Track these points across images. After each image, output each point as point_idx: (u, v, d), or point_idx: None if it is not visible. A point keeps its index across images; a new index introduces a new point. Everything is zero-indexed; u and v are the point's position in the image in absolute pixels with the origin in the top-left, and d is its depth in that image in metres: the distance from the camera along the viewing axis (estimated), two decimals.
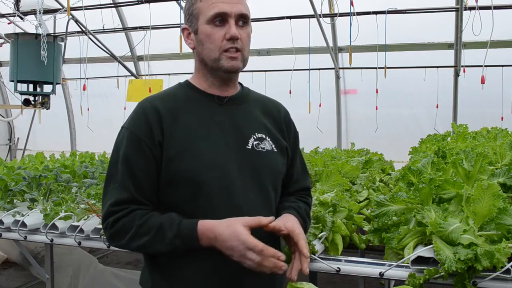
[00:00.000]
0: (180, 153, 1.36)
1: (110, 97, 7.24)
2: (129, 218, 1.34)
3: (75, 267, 3.93)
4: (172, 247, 1.31)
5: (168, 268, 1.41)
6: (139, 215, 1.34)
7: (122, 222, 1.34)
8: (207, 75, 1.46)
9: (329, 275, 1.95)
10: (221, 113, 1.45)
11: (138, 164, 1.36)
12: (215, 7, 1.37)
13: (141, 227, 1.32)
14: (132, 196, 1.36)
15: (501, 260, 1.53)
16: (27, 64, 4.05)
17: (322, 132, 6.07)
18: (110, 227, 1.37)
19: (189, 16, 1.44)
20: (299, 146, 1.66)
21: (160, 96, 1.47)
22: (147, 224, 1.32)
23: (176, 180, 1.37)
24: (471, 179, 2.03)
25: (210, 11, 1.37)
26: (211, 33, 1.38)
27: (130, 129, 1.39)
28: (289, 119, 1.61)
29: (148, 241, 1.32)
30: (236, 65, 1.40)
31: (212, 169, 1.37)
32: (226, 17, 1.37)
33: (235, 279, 1.39)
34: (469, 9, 4.82)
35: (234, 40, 1.37)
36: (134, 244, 1.35)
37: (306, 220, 1.53)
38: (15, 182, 3.13)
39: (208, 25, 1.39)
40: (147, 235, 1.32)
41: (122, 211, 1.35)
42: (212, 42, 1.38)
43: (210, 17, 1.37)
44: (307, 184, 1.65)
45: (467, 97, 5.68)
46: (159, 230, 1.31)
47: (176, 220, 1.32)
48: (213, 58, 1.40)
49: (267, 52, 6.47)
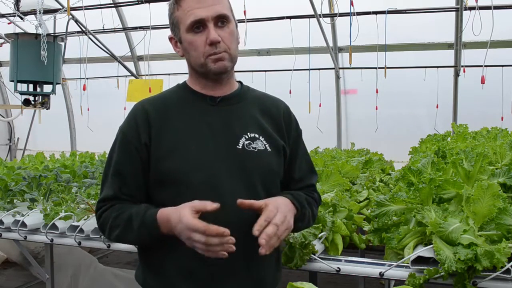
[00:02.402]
0: (168, 153, 1.39)
1: (110, 97, 7.23)
2: (108, 212, 1.42)
3: (75, 267, 3.93)
4: (140, 237, 1.37)
5: (154, 265, 1.45)
6: (117, 208, 1.41)
7: (104, 215, 1.43)
8: (199, 78, 1.48)
9: (329, 275, 1.95)
10: (213, 114, 1.46)
11: (126, 165, 1.43)
12: (191, 14, 1.38)
13: (116, 218, 1.40)
14: (117, 194, 1.43)
15: (501, 260, 1.53)
16: (27, 64, 4.04)
17: (322, 132, 6.06)
18: (97, 221, 1.47)
19: (172, 25, 1.46)
20: (303, 144, 1.64)
21: (153, 99, 1.51)
22: (120, 215, 1.39)
23: (164, 180, 1.40)
24: (471, 179, 2.03)
25: (187, 20, 1.38)
26: (192, 40, 1.40)
27: (122, 130, 1.47)
28: (290, 117, 1.58)
29: (121, 231, 1.39)
30: (223, 66, 1.41)
31: (199, 170, 1.38)
32: (205, 22, 1.38)
33: (216, 279, 1.39)
34: (469, 9, 4.81)
35: (215, 44, 1.38)
36: (113, 235, 1.42)
37: (304, 205, 1.49)
38: (15, 182, 3.13)
39: (188, 33, 1.40)
40: (120, 226, 1.39)
41: (106, 206, 1.43)
42: (195, 50, 1.40)
43: (188, 25, 1.39)
44: (312, 182, 1.63)
45: (467, 97, 5.68)
46: (128, 221, 1.37)
47: (142, 210, 1.37)
48: (200, 64, 1.42)
49: (267, 52, 6.46)
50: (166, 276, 1.42)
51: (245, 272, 1.42)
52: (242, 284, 1.42)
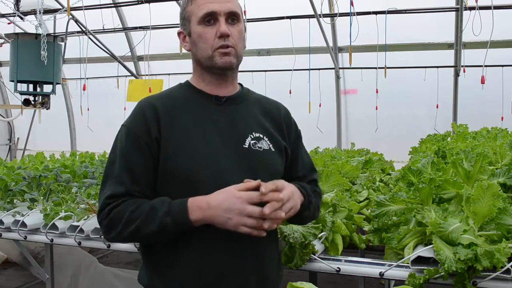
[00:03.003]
0: (176, 152, 1.39)
1: (110, 97, 7.23)
2: (122, 206, 1.37)
3: (75, 267, 3.93)
4: (162, 226, 1.32)
5: (161, 265, 1.43)
6: (132, 202, 1.37)
7: (115, 211, 1.37)
8: (204, 75, 1.49)
9: (329, 275, 1.95)
10: (219, 113, 1.46)
11: (136, 160, 1.39)
12: (205, 7, 1.41)
13: (134, 212, 1.35)
14: (128, 190, 1.38)
15: (501, 260, 1.53)
16: (27, 64, 4.04)
17: (322, 132, 6.06)
18: (104, 218, 1.39)
19: (182, 20, 1.49)
20: (303, 146, 1.66)
21: (159, 96, 1.50)
22: (139, 208, 1.35)
23: (173, 178, 1.39)
24: (471, 179, 2.03)
25: (200, 12, 1.42)
26: (202, 32, 1.42)
27: (128, 126, 1.43)
28: (290, 119, 1.61)
29: (141, 222, 1.34)
30: (229, 61, 1.42)
31: (208, 168, 1.38)
32: (216, 16, 1.41)
33: (224, 277, 1.39)
34: (469, 9, 4.82)
35: (224, 37, 1.40)
36: (127, 231, 1.36)
37: (310, 194, 1.51)
38: (15, 182, 3.13)
39: (199, 25, 1.43)
40: (139, 218, 1.34)
41: (116, 202, 1.38)
42: (204, 42, 1.42)
43: (200, 17, 1.42)
44: (314, 177, 1.65)
45: (467, 97, 5.68)
46: (150, 211, 1.34)
47: (167, 200, 1.35)
48: (207, 56, 1.43)
49: (267, 52, 6.46)
50: (174, 276, 1.40)
51: (251, 270, 1.43)
52: (248, 281, 1.42)
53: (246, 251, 1.39)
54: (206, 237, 1.37)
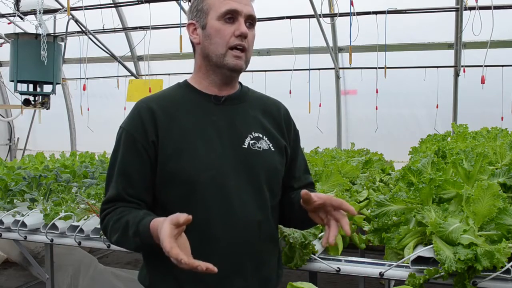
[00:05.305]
0: (175, 153, 1.38)
1: (110, 97, 7.24)
2: (112, 214, 1.39)
3: (75, 267, 3.93)
4: (135, 245, 1.32)
5: (163, 267, 1.42)
6: (119, 211, 1.38)
7: (108, 218, 1.40)
8: (208, 72, 1.47)
9: (329, 275, 1.95)
10: (218, 113, 1.46)
11: (133, 164, 1.40)
12: (227, 4, 1.41)
13: (115, 222, 1.36)
14: (122, 195, 1.39)
15: (501, 260, 1.53)
16: (27, 64, 4.04)
17: (322, 132, 6.07)
18: (101, 223, 1.44)
19: (197, 12, 1.46)
20: (300, 146, 1.66)
21: (156, 97, 1.49)
22: (120, 220, 1.36)
23: (171, 179, 1.38)
24: (471, 179, 2.03)
25: (222, 8, 1.41)
26: (220, 28, 1.41)
27: (126, 129, 1.43)
28: (289, 118, 1.61)
29: (118, 237, 1.36)
30: (240, 65, 1.42)
31: (207, 169, 1.38)
32: (237, 15, 1.41)
33: (225, 280, 1.39)
34: (469, 9, 4.82)
35: (243, 38, 1.41)
36: (113, 239, 1.39)
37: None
38: (15, 182, 3.13)
39: (218, 20, 1.41)
40: (118, 231, 1.35)
41: (110, 208, 1.40)
42: (220, 37, 1.41)
43: (221, 13, 1.41)
44: (311, 180, 1.66)
45: (467, 97, 5.68)
46: (125, 228, 1.33)
47: (139, 218, 1.30)
48: (219, 53, 1.42)
49: (267, 52, 6.47)
50: (175, 277, 1.40)
51: (252, 272, 1.43)
52: (249, 283, 1.42)
53: (247, 252, 1.39)
54: (206, 238, 1.36)
